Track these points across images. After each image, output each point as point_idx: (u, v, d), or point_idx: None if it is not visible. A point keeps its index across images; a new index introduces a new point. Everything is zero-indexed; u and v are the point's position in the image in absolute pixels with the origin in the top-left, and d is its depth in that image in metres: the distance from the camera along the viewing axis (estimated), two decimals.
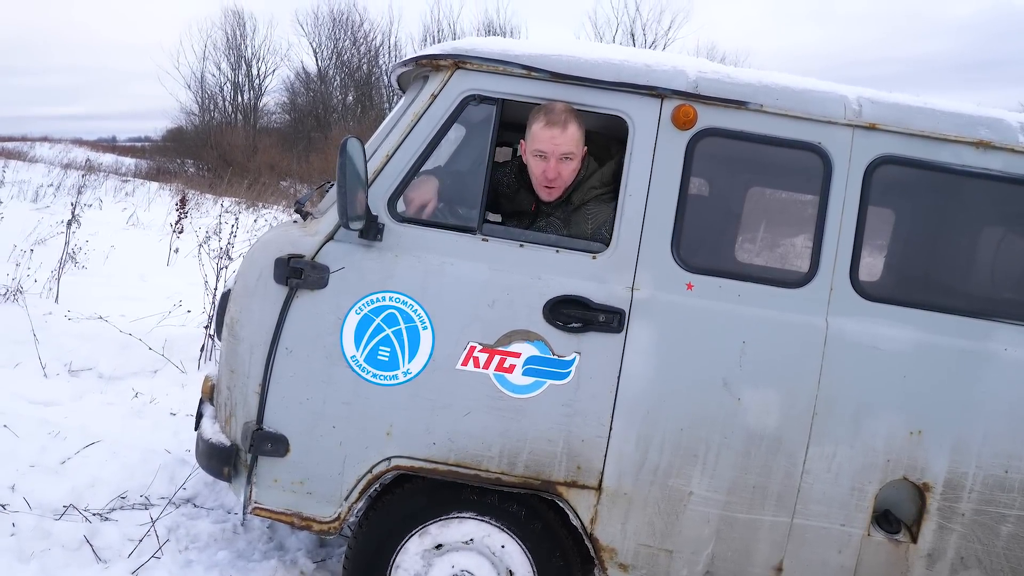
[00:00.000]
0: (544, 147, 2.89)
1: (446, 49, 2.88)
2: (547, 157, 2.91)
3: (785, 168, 3.17)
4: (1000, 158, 2.82)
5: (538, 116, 2.86)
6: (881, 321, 2.78)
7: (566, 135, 2.86)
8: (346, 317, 2.75)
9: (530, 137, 2.92)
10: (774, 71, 2.96)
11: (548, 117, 2.84)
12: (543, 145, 2.89)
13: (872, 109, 2.82)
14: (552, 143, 2.87)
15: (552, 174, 2.95)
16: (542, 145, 2.89)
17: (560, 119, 2.83)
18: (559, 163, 2.93)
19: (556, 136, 2.85)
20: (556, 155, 2.90)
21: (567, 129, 2.85)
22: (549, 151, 2.89)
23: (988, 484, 2.77)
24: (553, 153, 2.90)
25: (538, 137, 2.88)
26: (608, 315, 2.73)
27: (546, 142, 2.88)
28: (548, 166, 2.93)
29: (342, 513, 2.82)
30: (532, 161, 2.96)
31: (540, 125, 2.86)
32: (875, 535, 2.81)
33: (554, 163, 2.92)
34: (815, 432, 2.76)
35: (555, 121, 2.83)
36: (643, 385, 2.74)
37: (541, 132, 2.87)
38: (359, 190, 2.63)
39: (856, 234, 2.80)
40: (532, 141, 2.91)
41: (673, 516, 2.80)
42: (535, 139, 2.90)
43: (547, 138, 2.86)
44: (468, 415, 2.76)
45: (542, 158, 2.92)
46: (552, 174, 2.95)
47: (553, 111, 2.83)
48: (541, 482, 2.79)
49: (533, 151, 2.93)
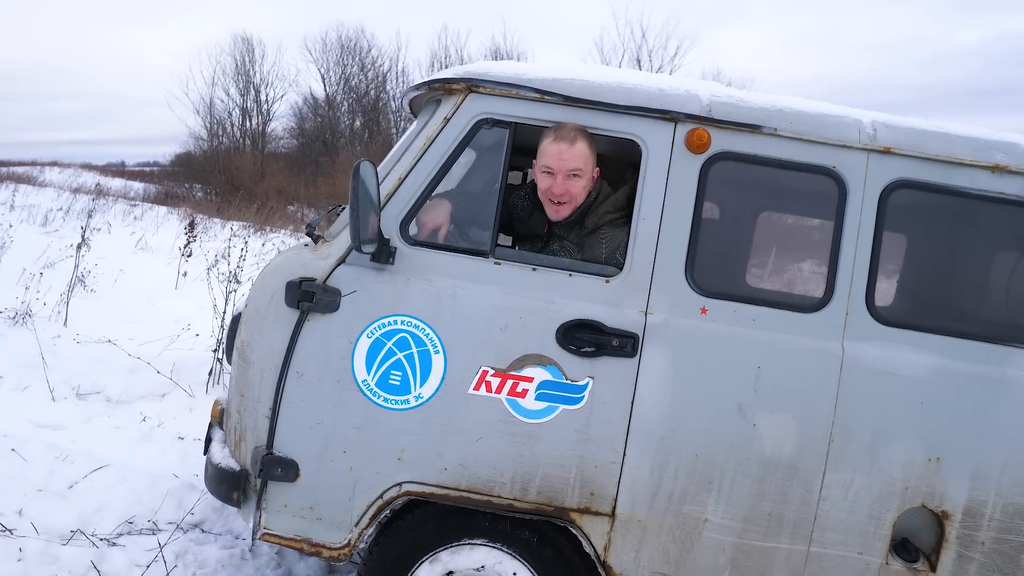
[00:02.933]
0: (551, 163, 2.88)
1: (459, 73, 2.88)
2: (554, 173, 2.90)
3: (800, 192, 3.16)
4: (1016, 182, 2.80)
5: (547, 133, 2.86)
6: (898, 346, 2.75)
7: (573, 151, 2.85)
8: (357, 341, 2.74)
9: (539, 153, 2.92)
10: (787, 95, 2.96)
11: (556, 133, 2.83)
12: (550, 161, 2.88)
13: (887, 133, 2.81)
14: (559, 159, 2.86)
15: (559, 190, 2.93)
16: (549, 161, 2.88)
17: (568, 135, 2.82)
18: (566, 180, 2.92)
19: (563, 151, 2.85)
20: (563, 171, 2.89)
21: (575, 145, 2.84)
22: (556, 167, 2.88)
23: (1008, 512, 2.73)
24: (560, 169, 2.89)
25: (545, 153, 2.88)
26: (622, 339, 2.71)
27: (552, 158, 2.87)
28: (555, 182, 2.92)
29: (352, 539, 2.78)
30: (540, 178, 2.96)
31: (548, 141, 2.86)
32: (893, 564, 2.76)
33: (560, 179, 2.91)
34: (831, 459, 2.72)
35: (563, 137, 2.83)
36: (657, 410, 2.71)
37: (548, 148, 2.86)
38: (371, 213, 2.63)
39: (872, 258, 2.77)
40: (540, 157, 2.92)
41: (688, 543, 2.76)
42: (542, 155, 2.90)
43: (554, 153, 2.86)
44: (480, 440, 2.73)
45: (549, 174, 2.92)
46: (559, 190, 2.93)
47: (562, 128, 2.83)
48: (554, 508, 2.76)
49: (541, 168, 2.93)
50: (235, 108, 42.54)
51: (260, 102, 42.76)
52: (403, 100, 3.40)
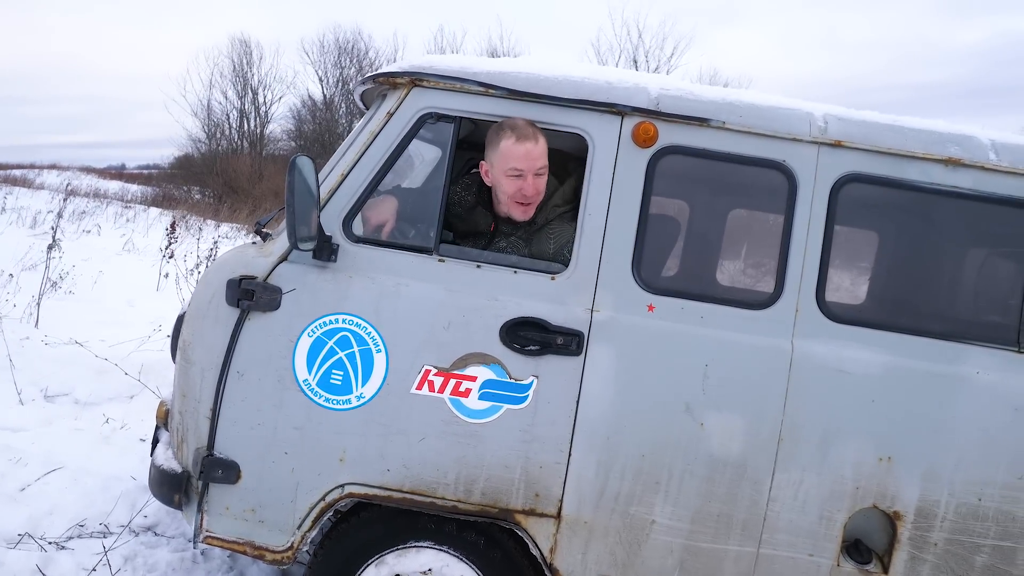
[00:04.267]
0: (520, 164, 2.81)
1: (403, 66, 2.83)
2: (524, 174, 2.84)
3: (750, 186, 3.11)
4: (970, 176, 2.75)
5: (504, 134, 2.79)
6: (849, 344, 2.70)
7: (539, 148, 2.80)
8: (298, 340, 2.69)
9: (499, 156, 2.83)
10: (746, 90, 2.91)
11: (517, 133, 2.77)
12: (519, 163, 2.81)
13: (838, 126, 2.76)
14: (528, 158, 2.80)
15: (531, 191, 2.88)
16: (518, 163, 2.81)
17: (530, 132, 2.77)
18: (535, 178, 2.86)
19: (531, 150, 2.79)
20: (532, 170, 2.84)
21: (539, 142, 2.79)
22: (526, 167, 2.82)
23: (961, 512, 2.68)
24: (530, 169, 2.83)
25: (512, 154, 2.80)
26: (567, 337, 2.66)
27: (521, 159, 2.80)
28: (526, 183, 2.86)
29: (295, 542, 2.73)
30: (506, 181, 2.87)
31: (511, 142, 2.78)
32: (845, 565, 2.71)
33: (531, 179, 2.85)
34: (781, 458, 2.67)
35: (526, 135, 2.77)
36: (603, 409, 2.66)
37: (514, 149, 2.79)
38: (311, 210, 2.58)
39: (822, 254, 2.72)
40: (504, 160, 2.82)
41: (635, 545, 2.71)
42: (508, 157, 2.81)
43: (522, 154, 2.79)
44: (423, 441, 2.68)
45: (518, 176, 2.85)
46: (531, 191, 2.88)
47: (520, 127, 2.76)
48: (499, 510, 2.71)
49: (508, 170, 2.84)
50: (233, 110, 42.48)
51: (258, 104, 42.71)
52: (355, 95, 3.35)
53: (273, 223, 3.45)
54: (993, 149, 2.77)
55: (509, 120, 2.78)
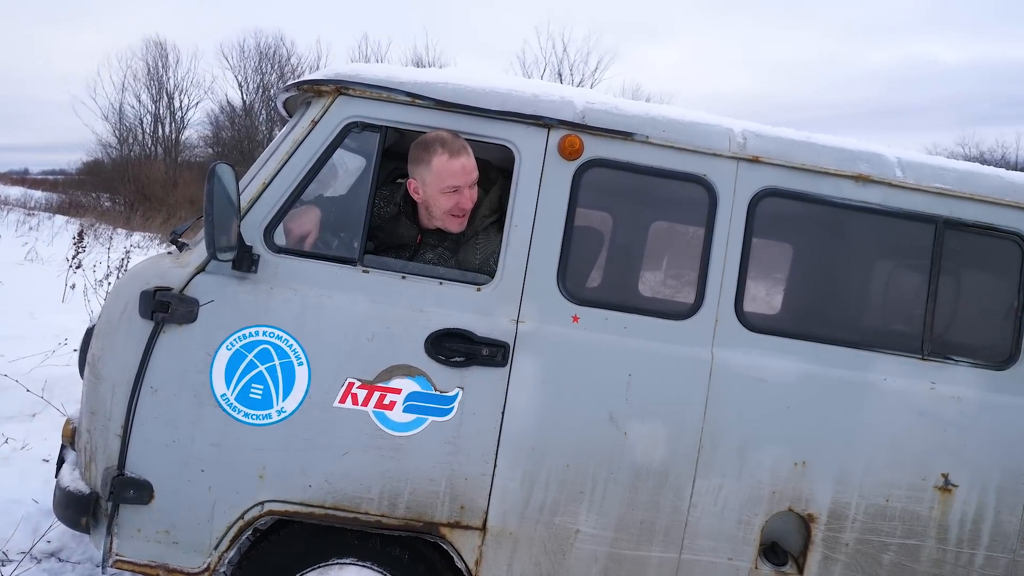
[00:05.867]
0: (458, 180, 2.80)
1: (328, 74, 2.79)
2: (460, 188, 2.83)
3: (672, 200, 3.17)
4: (879, 192, 2.87)
5: (435, 151, 2.77)
6: (766, 353, 2.78)
7: (472, 161, 2.80)
8: (216, 353, 2.61)
9: (433, 175, 2.80)
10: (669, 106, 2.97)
11: (449, 149, 2.75)
12: (456, 179, 2.80)
13: (756, 142, 2.84)
14: (464, 173, 2.79)
15: (468, 204, 2.87)
16: (455, 180, 2.80)
17: (460, 146, 2.76)
18: (471, 191, 2.86)
19: (466, 164, 2.79)
20: (468, 184, 2.83)
21: (470, 154, 2.80)
22: (463, 182, 2.81)
23: (871, 513, 2.78)
24: (466, 183, 2.82)
25: (448, 171, 2.78)
26: (492, 349, 2.66)
27: (458, 174, 2.79)
28: (463, 197, 2.85)
29: (212, 563, 2.65)
30: (443, 198, 2.84)
31: (444, 159, 2.76)
32: (763, 568, 2.78)
33: (467, 192, 2.85)
34: (701, 465, 2.72)
35: (458, 150, 2.76)
36: (528, 420, 2.67)
37: (450, 165, 2.77)
38: (231, 219, 2.51)
39: (741, 266, 2.80)
40: (439, 178, 2.80)
41: (560, 555, 2.72)
42: (443, 175, 2.79)
43: (458, 170, 2.78)
44: (346, 455, 2.64)
45: (455, 191, 2.83)
46: (468, 204, 2.87)
47: (449, 142, 2.75)
48: (424, 524, 2.68)
49: (445, 188, 2.81)
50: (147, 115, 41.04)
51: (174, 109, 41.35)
52: (277, 102, 3.29)
53: (189, 232, 3.34)
54: (899, 166, 2.90)
55: (435, 135, 2.77)
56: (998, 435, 2.82)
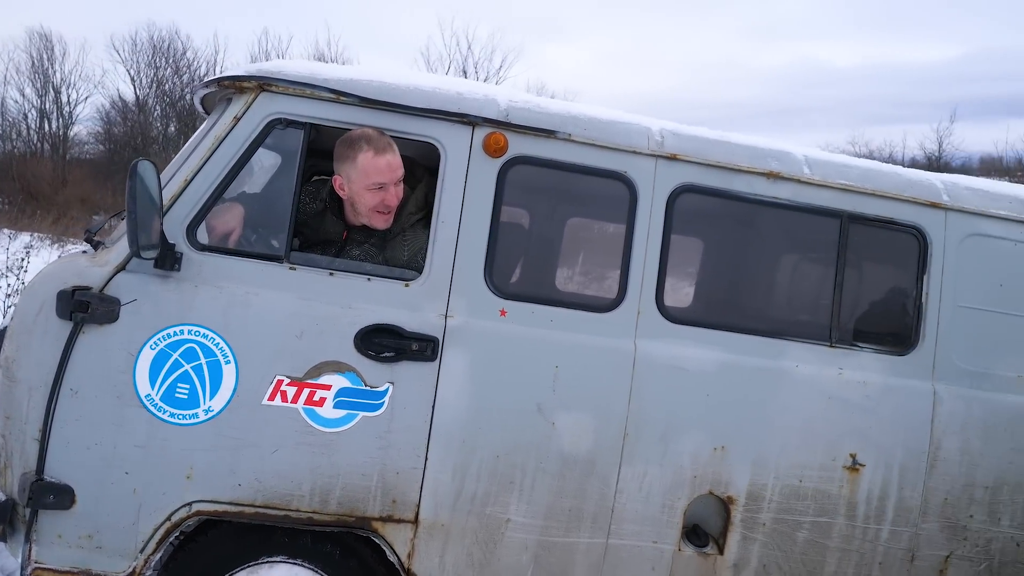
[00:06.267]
0: (383, 177, 2.80)
1: (250, 70, 2.77)
2: (386, 185, 2.84)
3: (595, 196, 3.26)
4: (788, 188, 3.02)
5: (360, 148, 2.76)
6: (686, 343, 2.89)
7: (397, 158, 2.81)
8: (140, 353, 2.56)
9: (358, 172, 2.80)
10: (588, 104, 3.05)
11: (375, 146, 2.76)
12: (381, 176, 2.80)
13: (673, 140, 2.95)
14: (390, 170, 2.80)
15: (393, 201, 2.88)
16: (380, 176, 2.80)
17: (385, 143, 2.77)
18: (396, 188, 2.87)
19: (391, 161, 2.79)
20: (394, 181, 2.84)
21: (396, 152, 2.81)
22: (389, 179, 2.82)
23: (785, 494, 2.93)
24: (392, 180, 2.83)
25: (373, 168, 2.78)
26: (421, 343, 2.69)
27: (384, 172, 2.79)
28: (388, 194, 2.85)
29: (137, 567, 2.60)
30: (368, 195, 2.84)
31: (370, 156, 2.76)
32: (686, 549, 2.90)
33: (393, 189, 2.86)
34: (627, 453, 2.82)
35: (384, 147, 2.77)
36: (458, 413, 2.71)
37: (375, 162, 2.77)
38: (153, 217, 2.47)
39: (661, 260, 2.90)
40: (365, 175, 2.79)
41: (491, 545, 2.77)
42: (369, 172, 2.78)
43: (384, 167, 2.78)
44: (276, 453, 2.62)
45: (380, 188, 2.84)
46: (393, 201, 2.88)
47: (374, 139, 2.76)
48: (356, 519, 2.69)
49: (370, 185, 2.82)
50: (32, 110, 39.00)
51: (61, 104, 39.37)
52: (194, 97, 3.23)
53: (104, 231, 3.25)
54: (807, 164, 3.05)
55: (360, 133, 2.77)
56: (900, 416, 3.01)
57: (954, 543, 3.07)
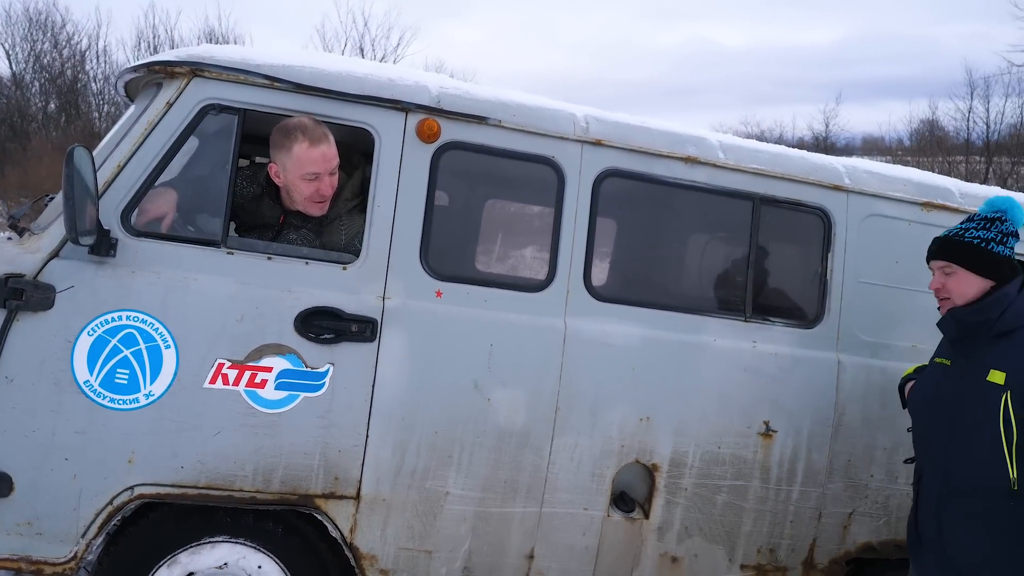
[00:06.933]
0: (318, 168, 2.84)
1: (182, 56, 2.77)
2: (320, 176, 2.88)
3: (525, 180, 3.38)
4: (705, 172, 3.20)
5: (296, 138, 2.79)
6: (612, 320, 3.05)
7: (332, 148, 2.85)
8: (77, 339, 2.56)
9: (293, 161, 2.83)
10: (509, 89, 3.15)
11: (310, 136, 2.79)
12: (316, 167, 2.83)
13: (598, 126, 3.09)
14: (324, 161, 2.84)
15: (328, 190, 2.92)
16: (315, 167, 2.83)
17: (321, 134, 2.81)
18: (331, 177, 2.91)
19: (326, 152, 2.83)
20: (328, 171, 2.88)
21: (331, 142, 2.84)
22: (323, 169, 2.86)
23: (705, 460, 3.13)
24: (326, 170, 2.87)
25: (308, 159, 2.81)
26: (360, 325, 2.76)
27: (318, 162, 2.83)
28: (322, 184, 2.89)
29: (79, 551, 2.61)
30: (303, 184, 2.88)
31: (305, 147, 2.79)
32: (614, 515, 3.07)
33: (328, 179, 2.90)
34: (559, 425, 2.96)
35: (319, 137, 2.80)
36: (398, 392, 2.80)
37: (310, 153, 2.80)
38: (88, 203, 2.46)
39: (588, 241, 3.04)
40: (300, 165, 2.83)
41: (431, 517, 2.89)
42: (303, 162, 2.82)
43: (318, 158, 2.82)
44: (219, 435, 2.67)
45: (315, 179, 2.87)
46: (328, 190, 2.92)
47: (310, 129, 2.79)
48: (298, 497, 2.76)
49: (305, 174, 2.85)
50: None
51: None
52: (117, 82, 3.20)
53: (27, 216, 3.20)
54: (721, 149, 3.24)
55: (296, 122, 2.81)
56: (808, 385, 3.24)
57: (856, 501, 3.34)
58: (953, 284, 2.64)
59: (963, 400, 2.58)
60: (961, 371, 2.62)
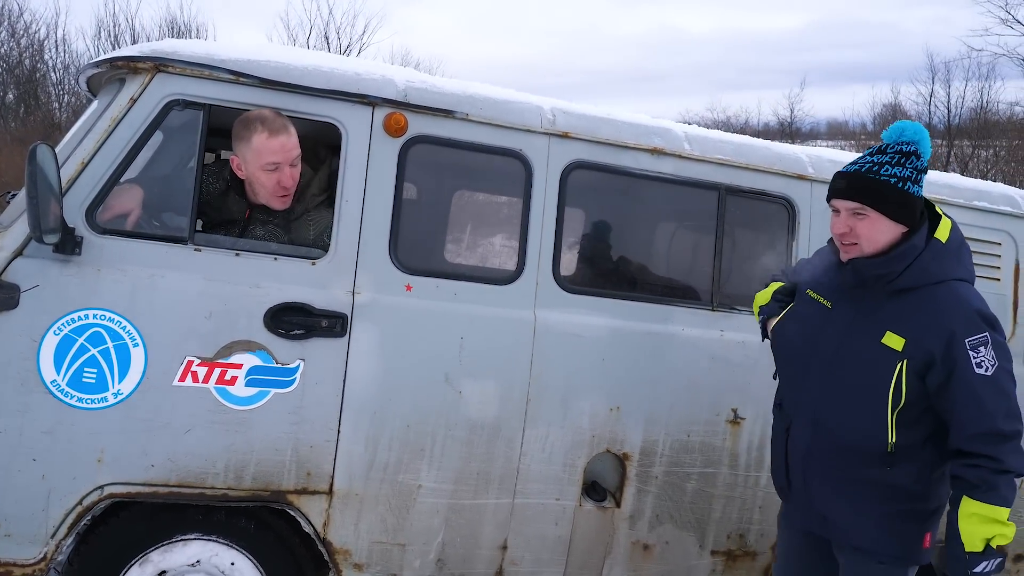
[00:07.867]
0: (277, 158, 2.83)
1: (145, 51, 2.75)
2: (280, 166, 2.86)
3: (493, 173, 3.40)
4: (670, 163, 3.23)
5: (255, 128, 2.78)
6: (581, 311, 3.08)
7: (292, 138, 2.84)
8: (43, 339, 2.54)
9: (252, 152, 2.82)
10: (476, 82, 3.16)
11: (269, 127, 2.78)
12: (275, 156, 2.82)
13: (564, 119, 3.11)
14: (284, 151, 2.82)
15: (288, 182, 2.90)
16: (274, 157, 2.82)
17: (280, 124, 2.79)
18: (291, 168, 2.90)
19: (285, 143, 2.81)
20: (288, 162, 2.87)
21: (291, 133, 2.83)
22: (283, 160, 2.84)
23: (675, 448, 3.17)
24: (286, 161, 2.86)
25: (267, 149, 2.80)
26: (330, 320, 2.76)
27: (277, 152, 2.82)
28: (283, 175, 2.88)
29: (48, 552, 2.59)
30: (264, 176, 2.86)
31: (264, 137, 2.78)
32: (586, 505, 3.10)
33: (288, 170, 2.88)
34: (530, 417, 2.99)
35: (278, 128, 2.79)
36: (369, 386, 2.81)
37: (269, 143, 2.79)
38: (52, 200, 2.44)
39: (556, 233, 3.06)
40: (259, 156, 2.82)
41: (404, 511, 2.90)
42: (263, 152, 2.81)
43: (277, 148, 2.81)
44: (189, 432, 2.66)
45: (275, 169, 2.86)
46: (288, 182, 2.90)
47: (269, 120, 2.78)
48: (271, 493, 2.76)
49: (264, 165, 2.83)
50: None
51: None
52: (79, 78, 3.16)
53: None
54: (687, 140, 3.27)
55: (256, 113, 2.79)
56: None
57: None
58: (864, 228, 2.30)
59: (848, 356, 2.36)
60: (846, 321, 2.39)
